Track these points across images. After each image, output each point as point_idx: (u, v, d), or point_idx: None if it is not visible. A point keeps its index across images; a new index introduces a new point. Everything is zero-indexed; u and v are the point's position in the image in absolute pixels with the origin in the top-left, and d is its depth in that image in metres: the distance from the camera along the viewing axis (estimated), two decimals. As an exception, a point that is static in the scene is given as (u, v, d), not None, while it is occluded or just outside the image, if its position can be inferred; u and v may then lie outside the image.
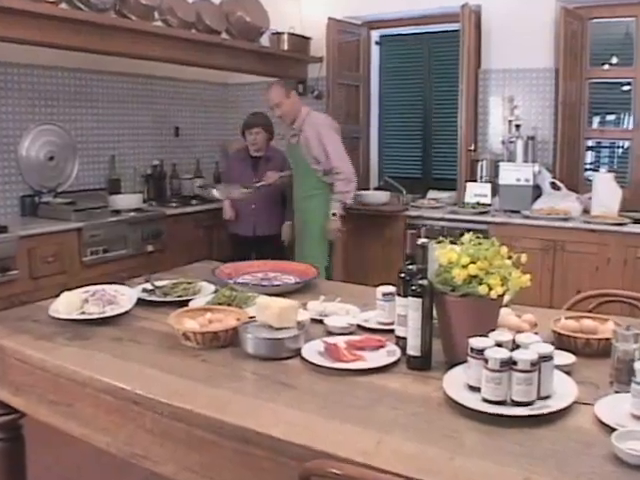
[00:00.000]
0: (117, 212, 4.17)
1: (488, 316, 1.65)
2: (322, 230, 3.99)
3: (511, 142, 4.39)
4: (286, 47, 4.97)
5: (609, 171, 4.22)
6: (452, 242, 1.70)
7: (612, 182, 4.04)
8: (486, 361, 1.39)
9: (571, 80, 4.38)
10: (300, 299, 2.07)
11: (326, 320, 1.95)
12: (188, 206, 4.72)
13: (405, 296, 1.68)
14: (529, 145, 4.36)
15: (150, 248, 4.25)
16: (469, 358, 1.46)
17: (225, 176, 4.80)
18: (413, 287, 1.63)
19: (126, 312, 2.02)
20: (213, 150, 5.67)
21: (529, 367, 1.37)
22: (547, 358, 1.41)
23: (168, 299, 2.18)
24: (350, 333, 1.90)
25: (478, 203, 4.36)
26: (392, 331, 1.79)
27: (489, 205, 4.35)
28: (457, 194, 4.62)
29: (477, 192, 4.44)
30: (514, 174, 4.25)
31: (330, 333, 1.91)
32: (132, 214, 4.19)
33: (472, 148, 4.56)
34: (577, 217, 4.02)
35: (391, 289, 1.97)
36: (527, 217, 4.07)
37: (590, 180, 4.53)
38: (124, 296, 2.11)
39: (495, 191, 4.40)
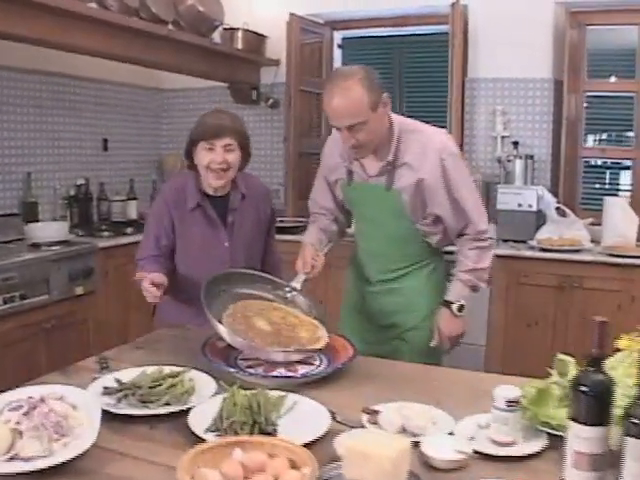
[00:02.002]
0: (36, 246, 3.27)
1: None
2: (427, 337, 2.18)
3: (509, 161, 3.83)
4: (240, 46, 4.22)
5: (610, 194, 3.75)
6: None
7: (627, 207, 3.54)
8: None
9: (570, 93, 3.88)
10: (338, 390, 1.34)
11: (424, 446, 1.24)
12: (122, 236, 3.85)
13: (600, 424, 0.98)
14: (528, 165, 3.82)
15: (79, 291, 3.36)
16: None
17: (151, 238, 2.24)
18: (635, 420, 0.95)
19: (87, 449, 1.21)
20: (148, 167, 4.81)
21: None
22: None
23: (151, 411, 1.38)
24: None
25: (472, 231, 3.75)
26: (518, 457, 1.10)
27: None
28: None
29: (469, 219, 3.84)
30: (515, 198, 3.68)
31: (430, 467, 1.20)
32: (56, 248, 3.29)
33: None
34: (592, 249, 3.49)
35: (515, 393, 1.29)
36: (537, 249, 3.50)
37: (588, 204, 4.06)
38: (78, 412, 1.30)
39: (489, 217, 3.81)
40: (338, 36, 4.72)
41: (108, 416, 1.35)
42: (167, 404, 1.40)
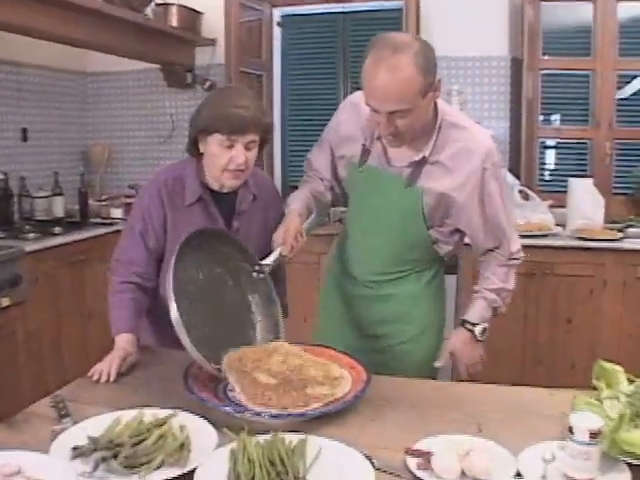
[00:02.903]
0: (-49, 253, 2.83)
1: None
2: (426, 354, 1.92)
3: (469, 144, 3.64)
4: (175, 23, 3.83)
5: (575, 176, 3.64)
6: None
7: (593, 189, 3.43)
8: None
9: (529, 71, 3.73)
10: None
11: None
12: (50, 236, 3.42)
13: None
14: (488, 147, 3.64)
15: (6, 302, 2.93)
16: None
17: (135, 236, 1.81)
18: None
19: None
20: (74, 159, 4.35)
21: None
22: None
23: None
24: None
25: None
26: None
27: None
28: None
29: (429, 205, 3.64)
30: (477, 182, 3.50)
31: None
32: (-25, 255, 2.86)
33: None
34: (560, 233, 3.37)
35: (598, 423, 1.07)
36: (504, 235, 3.33)
37: (545, 185, 3.94)
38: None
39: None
40: (277, 13, 4.40)
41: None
42: (160, 466, 1.10)
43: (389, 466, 1.15)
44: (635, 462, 1.13)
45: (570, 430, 1.10)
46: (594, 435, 1.08)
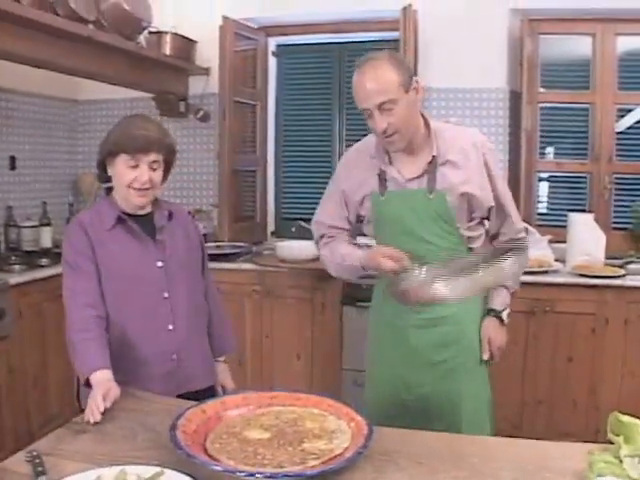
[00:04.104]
0: None
1: None
2: (478, 350, 2.04)
3: (467, 176, 3.58)
4: (168, 51, 3.78)
5: (573, 210, 3.58)
6: None
7: (593, 224, 3.36)
8: None
9: (527, 104, 3.69)
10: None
11: None
12: (37, 268, 3.32)
13: None
14: (486, 180, 3.59)
15: (-12, 338, 2.83)
16: None
17: (84, 278, 1.81)
18: None
19: None
20: (63, 188, 4.26)
21: None
22: None
23: None
24: None
25: (431, 253, 3.47)
26: None
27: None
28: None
29: (427, 239, 3.56)
30: (476, 216, 3.43)
31: None
32: (-44, 288, 2.75)
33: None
34: (561, 269, 3.29)
35: None
36: (503, 271, 3.25)
37: (543, 219, 3.88)
38: None
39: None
40: (273, 43, 4.37)
41: None
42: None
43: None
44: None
45: None
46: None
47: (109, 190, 1.93)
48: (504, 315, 2.05)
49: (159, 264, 1.87)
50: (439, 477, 1.27)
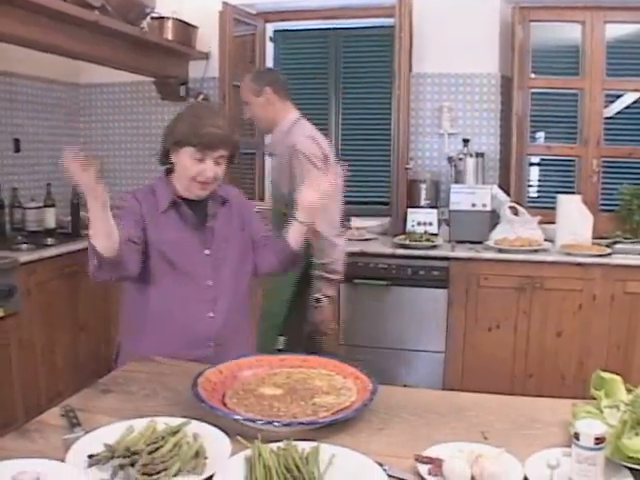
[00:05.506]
0: (-56, 264, 2.82)
1: None
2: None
3: (460, 159, 3.70)
4: (170, 36, 3.86)
5: (563, 192, 3.70)
6: None
7: (581, 205, 3.50)
8: None
9: (518, 90, 3.81)
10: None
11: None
12: (44, 248, 3.41)
13: None
14: (479, 164, 3.71)
15: (0, 313, 2.92)
16: None
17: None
18: None
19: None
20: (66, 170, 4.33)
21: None
22: None
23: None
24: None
25: (425, 233, 3.60)
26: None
27: (436, 235, 3.61)
28: (392, 223, 3.83)
29: (421, 220, 3.69)
30: (468, 198, 3.56)
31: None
32: (-33, 266, 2.85)
33: (409, 166, 3.80)
34: (550, 248, 3.42)
35: (602, 428, 1.11)
36: (495, 250, 3.38)
37: (533, 201, 4.01)
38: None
39: (441, 219, 3.70)
40: (270, 28, 4.45)
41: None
42: (177, 474, 1.11)
43: (401, 472, 1.17)
44: (638, 467, 1.16)
45: (576, 436, 1.13)
46: (599, 441, 1.11)
47: (168, 171, 1.95)
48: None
49: (206, 252, 1.89)
50: (438, 427, 1.39)
